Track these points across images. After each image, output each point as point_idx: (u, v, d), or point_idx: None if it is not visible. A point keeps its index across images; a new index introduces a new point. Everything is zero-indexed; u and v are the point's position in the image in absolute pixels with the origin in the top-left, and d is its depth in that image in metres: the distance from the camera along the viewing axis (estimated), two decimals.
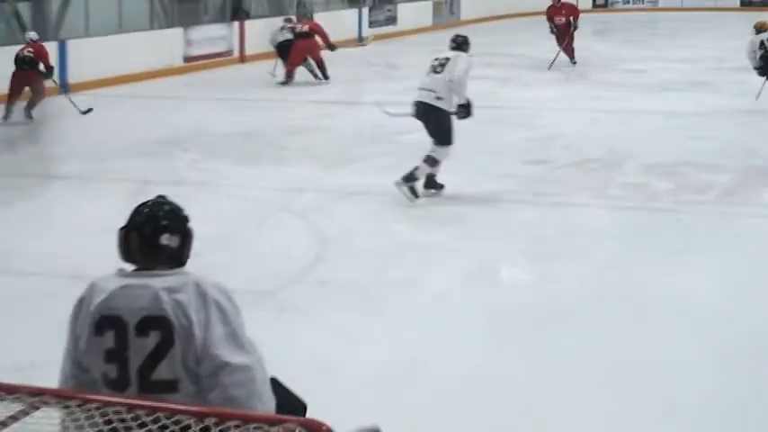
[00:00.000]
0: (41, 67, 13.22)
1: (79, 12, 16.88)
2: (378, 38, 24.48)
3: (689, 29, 26.96)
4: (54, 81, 13.60)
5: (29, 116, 13.23)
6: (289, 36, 17.28)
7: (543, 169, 9.92)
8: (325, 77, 17.16)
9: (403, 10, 26.79)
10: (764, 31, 13.66)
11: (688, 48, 22.08)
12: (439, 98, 8.71)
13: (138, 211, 3.05)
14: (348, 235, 7.84)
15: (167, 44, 17.81)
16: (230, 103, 15.03)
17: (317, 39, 17.29)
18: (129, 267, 3.02)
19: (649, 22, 29.70)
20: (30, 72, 13.21)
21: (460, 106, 8.80)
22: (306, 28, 17.28)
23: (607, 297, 6.35)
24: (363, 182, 9.53)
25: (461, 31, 9.96)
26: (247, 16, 20.97)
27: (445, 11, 28.86)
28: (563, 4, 19.01)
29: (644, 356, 5.36)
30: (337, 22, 22.64)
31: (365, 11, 25.12)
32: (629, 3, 34.23)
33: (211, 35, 19.15)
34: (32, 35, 13.81)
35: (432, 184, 8.96)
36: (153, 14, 18.75)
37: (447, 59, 8.83)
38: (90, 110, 13.40)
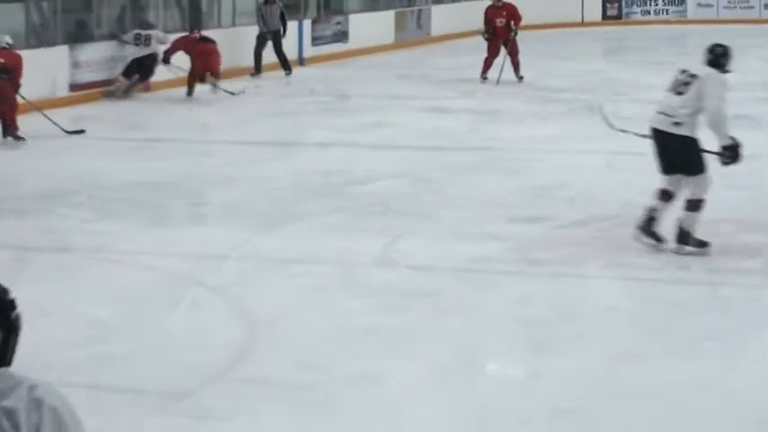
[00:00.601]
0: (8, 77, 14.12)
1: None
2: (323, 59, 24.57)
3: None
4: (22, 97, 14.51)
5: (19, 137, 14.21)
6: (151, 50, 18.65)
7: (540, 229, 9.98)
8: (231, 92, 18.52)
9: (356, 23, 26.82)
10: None
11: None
12: (677, 123, 8.89)
13: None
14: (284, 317, 7.82)
15: (48, 67, 17.73)
16: (132, 145, 15.02)
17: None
18: None
19: (676, 38, 30.07)
20: (1, 82, 14.00)
21: (725, 148, 8.96)
22: (198, 35, 19.10)
23: (622, 397, 6.37)
24: (305, 247, 9.55)
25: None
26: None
27: (411, 24, 28.77)
28: (505, 4, 20.10)
29: None
30: None
31: (307, 24, 25.08)
32: (649, 14, 34.66)
33: (106, 56, 19.15)
34: (6, 39, 14.32)
35: (650, 229, 9.08)
36: (29, 29, 18.68)
37: (694, 78, 8.93)
38: (82, 131, 15.07)
